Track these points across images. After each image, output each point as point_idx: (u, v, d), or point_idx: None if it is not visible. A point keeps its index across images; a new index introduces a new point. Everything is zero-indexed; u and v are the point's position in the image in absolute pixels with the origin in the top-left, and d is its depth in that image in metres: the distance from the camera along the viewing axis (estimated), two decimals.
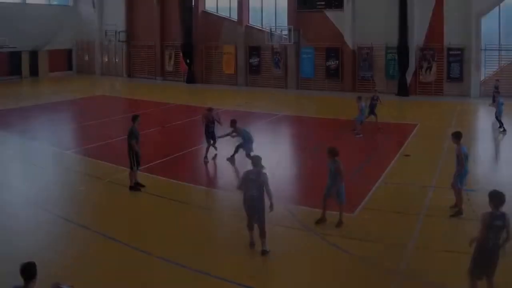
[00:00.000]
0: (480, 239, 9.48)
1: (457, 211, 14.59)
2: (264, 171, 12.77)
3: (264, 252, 12.20)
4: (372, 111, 26.53)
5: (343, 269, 11.79)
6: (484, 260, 9.51)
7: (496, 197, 9.54)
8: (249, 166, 13.69)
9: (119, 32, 54.08)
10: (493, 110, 27.51)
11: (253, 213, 12.24)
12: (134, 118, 16.78)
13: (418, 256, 12.21)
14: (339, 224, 13.88)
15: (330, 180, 13.87)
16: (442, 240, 12.88)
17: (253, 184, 12.12)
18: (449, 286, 10.72)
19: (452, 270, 11.21)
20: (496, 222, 9.36)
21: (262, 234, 12.24)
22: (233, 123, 20.91)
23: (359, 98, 26.10)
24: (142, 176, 17.72)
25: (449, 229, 13.84)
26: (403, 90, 42.96)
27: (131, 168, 16.83)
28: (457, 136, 14.48)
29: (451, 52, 42.76)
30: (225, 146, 21.48)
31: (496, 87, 33.96)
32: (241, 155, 20.12)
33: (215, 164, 21.00)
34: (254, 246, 12.69)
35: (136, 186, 16.94)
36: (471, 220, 13.45)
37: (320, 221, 14.09)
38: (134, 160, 16.70)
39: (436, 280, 10.91)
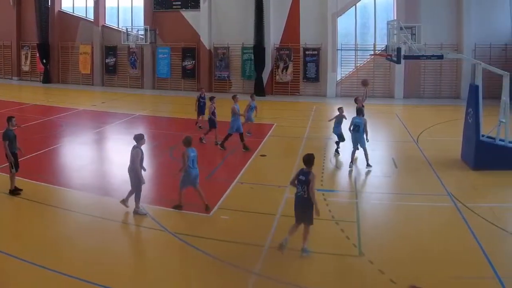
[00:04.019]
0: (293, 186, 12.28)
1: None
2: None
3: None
4: (201, 111, 26.27)
5: (200, 270, 11.67)
6: (294, 207, 12.29)
7: (304, 159, 12.30)
8: None
9: None
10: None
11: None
12: (8, 119, 16.06)
13: (275, 256, 11.98)
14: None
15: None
16: (298, 240, 12.42)
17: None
18: (305, 285, 10.80)
19: (308, 270, 11.62)
20: (300, 177, 11.89)
21: None
22: None
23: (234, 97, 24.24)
24: None
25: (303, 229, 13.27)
26: (259, 90, 41.93)
27: (10, 171, 15.88)
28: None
29: (307, 52, 42.43)
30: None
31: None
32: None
33: (79, 164, 20.67)
34: None
35: (15, 191, 16.12)
36: (326, 220, 14.12)
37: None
38: (12, 162, 15.73)
39: (293, 280, 10.94)
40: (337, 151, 21.84)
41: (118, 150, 23.13)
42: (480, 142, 18.99)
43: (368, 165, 19.74)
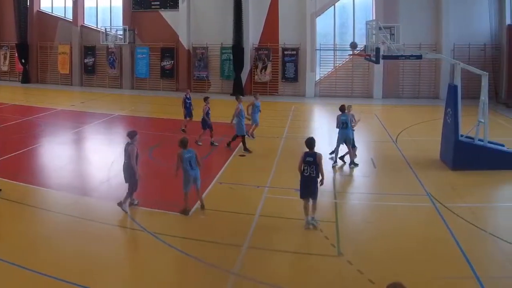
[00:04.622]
0: (300, 170, 13.65)
1: None
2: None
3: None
4: (188, 112, 25.94)
5: (179, 270, 11.72)
6: (303, 185, 13.64)
7: (307, 142, 13.71)
8: None
9: None
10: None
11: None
12: None
13: (253, 256, 12.06)
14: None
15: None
16: (276, 240, 12.96)
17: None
18: (283, 285, 10.71)
19: (287, 270, 11.65)
20: (307, 159, 13.39)
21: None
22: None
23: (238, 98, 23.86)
24: None
25: (282, 229, 13.83)
26: (238, 90, 41.22)
27: None
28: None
29: (286, 52, 42.30)
30: None
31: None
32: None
33: (58, 164, 20.42)
34: None
35: None
36: (303, 220, 13.82)
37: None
38: None
39: (271, 280, 10.86)
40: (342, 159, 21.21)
41: (97, 150, 23.16)
42: (459, 142, 19.01)
43: (352, 163, 20.18)
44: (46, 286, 10.73)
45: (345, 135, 19.57)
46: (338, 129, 19.74)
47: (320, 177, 13.48)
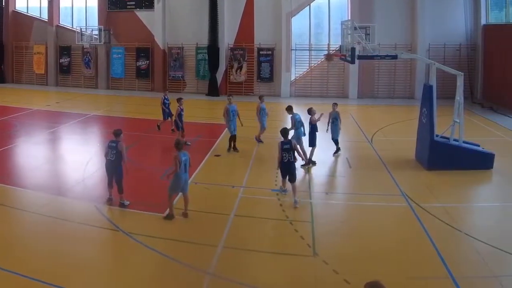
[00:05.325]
0: (279, 157, 15.56)
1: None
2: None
3: None
4: (167, 113, 26.10)
5: (155, 270, 11.52)
6: (284, 170, 15.84)
7: (282, 132, 15.96)
8: None
9: None
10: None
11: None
12: None
13: (229, 256, 12.05)
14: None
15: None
16: (251, 240, 13.02)
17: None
18: (258, 285, 10.73)
19: (262, 270, 11.55)
20: (285, 146, 15.49)
21: None
22: None
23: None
24: None
25: (257, 229, 13.95)
26: (213, 90, 41.64)
27: None
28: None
29: (261, 52, 42.22)
30: None
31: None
32: None
33: (33, 164, 20.34)
34: None
35: None
36: (280, 220, 14.43)
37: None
38: None
39: (247, 280, 10.90)
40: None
41: (72, 150, 22.99)
42: (434, 142, 19.05)
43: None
44: (21, 286, 10.63)
45: (333, 130, 21.32)
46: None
47: (300, 159, 16.26)
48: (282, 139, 15.85)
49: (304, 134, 20.06)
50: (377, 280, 6.69)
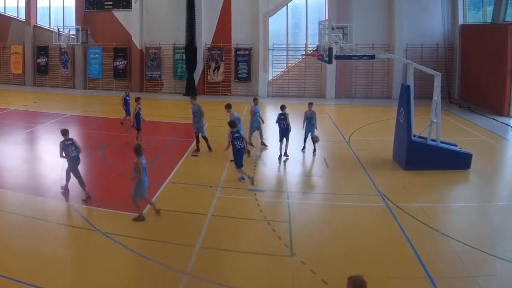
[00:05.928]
0: (229, 147, 17.52)
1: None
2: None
3: None
4: (128, 110, 26.33)
5: (132, 270, 11.57)
6: (236, 156, 17.43)
7: (232, 123, 17.44)
8: None
9: None
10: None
11: None
12: None
13: (206, 256, 12.04)
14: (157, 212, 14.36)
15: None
16: (229, 240, 13.02)
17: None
18: (235, 286, 10.72)
19: (239, 270, 11.54)
20: (236, 135, 17.17)
21: None
22: None
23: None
24: None
25: (234, 229, 13.93)
26: (191, 90, 41.08)
27: None
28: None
29: (239, 52, 42.00)
30: None
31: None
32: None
33: (10, 164, 20.22)
34: None
35: None
36: (257, 220, 14.41)
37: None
38: None
39: (224, 280, 10.89)
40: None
41: (49, 150, 22.27)
42: (411, 142, 19.07)
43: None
44: None
45: (309, 129, 21.94)
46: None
47: (244, 145, 17.57)
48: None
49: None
50: (360, 274, 6.62)
